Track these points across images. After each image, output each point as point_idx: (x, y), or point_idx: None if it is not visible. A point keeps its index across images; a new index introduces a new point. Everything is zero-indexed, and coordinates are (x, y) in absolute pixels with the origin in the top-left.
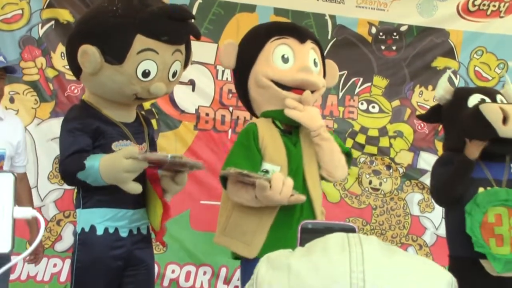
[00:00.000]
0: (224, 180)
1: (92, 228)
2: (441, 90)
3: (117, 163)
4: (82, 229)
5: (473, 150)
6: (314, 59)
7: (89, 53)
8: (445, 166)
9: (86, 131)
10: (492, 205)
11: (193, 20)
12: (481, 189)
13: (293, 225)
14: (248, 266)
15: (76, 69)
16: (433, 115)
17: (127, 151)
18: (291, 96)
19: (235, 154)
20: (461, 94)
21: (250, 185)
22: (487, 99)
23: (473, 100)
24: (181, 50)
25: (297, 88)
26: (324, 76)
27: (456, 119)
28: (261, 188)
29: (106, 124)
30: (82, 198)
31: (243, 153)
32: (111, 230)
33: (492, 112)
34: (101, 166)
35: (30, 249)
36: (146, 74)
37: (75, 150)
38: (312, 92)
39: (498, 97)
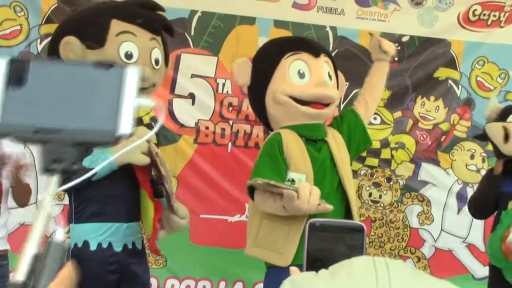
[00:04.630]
0: (251, 190)
1: (85, 243)
2: (488, 110)
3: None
4: (75, 244)
5: (496, 166)
6: (328, 73)
7: (70, 42)
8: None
9: None
10: None
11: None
12: (510, 203)
13: None
14: (276, 274)
15: None
16: (485, 134)
17: None
18: (310, 111)
19: (262, 165)
20: (502, 114)
21: (278, 195)
22: None
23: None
24: (158, 40)
25: (315, 103)
26: (338, 88)
27: None
28: (289, 199)
29: None
30: (74, 212)
31: (269, 164)
32: (104, 245)
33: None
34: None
35: None
36: (129, 56)
37: None
38: (328, 105)
39: None
